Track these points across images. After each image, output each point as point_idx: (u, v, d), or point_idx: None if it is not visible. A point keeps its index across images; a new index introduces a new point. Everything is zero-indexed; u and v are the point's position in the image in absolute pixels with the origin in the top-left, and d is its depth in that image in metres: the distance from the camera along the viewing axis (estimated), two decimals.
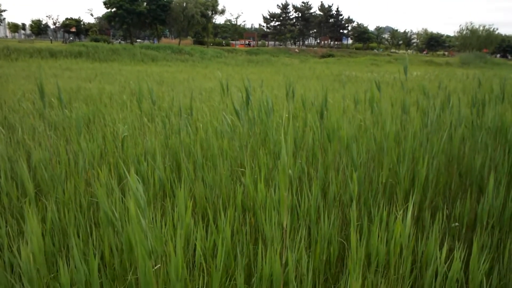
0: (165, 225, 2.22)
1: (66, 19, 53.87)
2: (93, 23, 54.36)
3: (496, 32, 68.83)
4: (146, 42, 55.83)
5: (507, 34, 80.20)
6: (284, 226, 1.59)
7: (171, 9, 44.29)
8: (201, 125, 4.68)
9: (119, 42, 48.52)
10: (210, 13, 47.63)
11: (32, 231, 1.63)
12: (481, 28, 67.68)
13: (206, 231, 2.36)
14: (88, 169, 3.17)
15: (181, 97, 7.75)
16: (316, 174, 2.90)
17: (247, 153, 3.38)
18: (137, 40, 59.84)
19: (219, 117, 5.05)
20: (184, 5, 43.98)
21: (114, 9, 42.67)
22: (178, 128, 3.70)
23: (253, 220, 2.68)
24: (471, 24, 69.58)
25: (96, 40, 39.32)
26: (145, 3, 44.58)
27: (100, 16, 53.68)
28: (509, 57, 74.53)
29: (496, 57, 67.65)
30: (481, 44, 65.26)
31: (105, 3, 42.74)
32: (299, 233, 2.14)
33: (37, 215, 2.20)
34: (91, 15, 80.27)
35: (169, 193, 2.89)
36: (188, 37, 56.87)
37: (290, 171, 3.05)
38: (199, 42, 53.43)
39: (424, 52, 71.10)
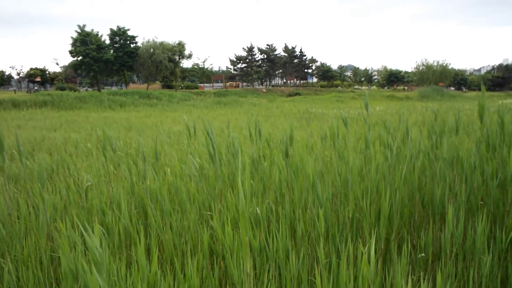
0: (130, 276, 2.15)
1: (31, 69, 53.21)
2: (59, 72, 53.92)
3: (450, 67, 73.18)
4: (114, 88, 55.70)
5: (460, 68, 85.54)
6: (248, 270, 1.58)
7: (139, 55, 44.71)
8: (168, 169, 4.64)
9: (86, 90, 48.13)
10: (177, 58, 48.36)
11: None
12: (435, 63, 71.87)
13: (174, 279, 2.29)
14: (50, 223, 3.06)
15: (149, 142, 7.70)
16: (284, 213, 2.91)
17: (215, 195, 3.37)
18: (105, 86, 59.66)
19: (187, 161, 5.03)
20: (151, 51, 44.55)
21: (80, 58, 42.64)
22: (144, 174, 3.65)
23: (223, 264, 2.63)
24: (426, 60, 73.65)
25: (62, 89, 38.88)
26: (112, 51, 44.86)
27: (66, 64, 53.46)
28: (464, 89, 78.92)
29: (451, 89, 71.49)
30: (437, 78, 69.00)
31: (71, 52, 42.69)
32: (268, 275, 2.12)
33: None
34: (57, 64, 79.70)
35: (135, 242, 2.81)
36: (156, 81, 57.25)
37: (258, 211, 3.06)
38: (167, 86, 53.81)
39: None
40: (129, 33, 45.59)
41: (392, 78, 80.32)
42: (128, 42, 45.64)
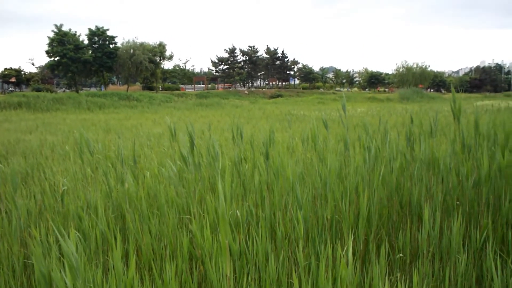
0: (107, 282, 2.10)
1: (5, 69, 51.72)
2: (35, 73, 52.58)
3: (429, 69, 74.81)
4: (93, 89, 54.75)
5: (439, 70, 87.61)
6: (228, 274, 1.56)
7: (118, 56, 44.04)
8: (148, 172, 4.57)
9: (64, 91, 47.14)
10: (158, 59, 47.87)
11: None
12: (415, 65, 73.32)
13: (152, 285, 2.26)
14: (24, 229, 2.97)
15: (128, 144, 7.59)
16: (263, 216, 2.91)
17: (195, 199, 3.33)
18: (83, 88, 58.57)
19: (167, 164, 4.97)
20: (131, 52, 43.95)
21: (57, 58, 41.72)
22: (122, 177, 3.59)
23: (202, 268, 2.60)
24: (406, 62, 75.13)
25: (38, 90, 37.99)
26: (90, 51, 44.07)
27: (43, 65, 52.24)
28: (442, 91, 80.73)
29: (430, 91, 73.06)
30: (416, 80, 70.39)
31: (47, 52, 41.72)
32: (248, 278, 2.11)
33: None
34: (33, 64, 77.62)
35: (112, 247, 2.75)
36: (137, 83, 56.55)
37: (238, 214, 3.04)
38: (148, 87, 53.24)
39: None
40: (109, 33, 44.90)
41: (373, 80, 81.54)
42: (107, 43, 44.91)
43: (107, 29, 44.83)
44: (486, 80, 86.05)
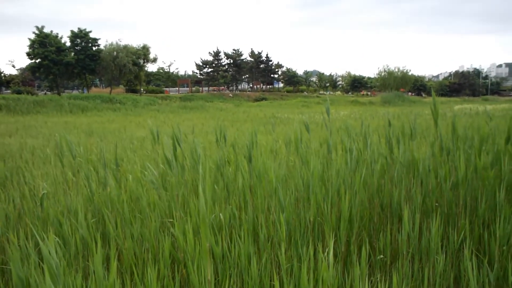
0: (87, 287, 2.08)
1: None
2: (15, 75, 51.45)
3: (410, 73, 76.12)
4: (75, 92, 53.89)
5: (419, 74, 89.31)
6: (208, 277, 1.57)
7: (101, 59, 43.46)
8: (130, 176, 4.53)
9: (45, 93, 46.30)
10: (142, 61, 47.46)
11: None
12: (396, 69, 74.52)
13: None
14: (2, 234, 2.91)
15: (111, 147, 7.50)
16: (246, 218, 2.92)
17: (178, 202, 3.32)
18: (65, 90, 57.60)
19: (149, 167, 4.93)
20: (115, 54, 43.45)
21: (38, 60, 40.95)
22: (104, 181, 3.55)
23: (185, 272, 2.59)
24: (387, 66, 76.24)
25: (19, 92, 37.20)
26: (72, 53, 43.40)
27: (23, 67, 51.16)
28: (423, 95, 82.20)
29: (411, 95, 74.30)
30: (398, 84, 71.53)
31: (28, 54, 40.90)
32: (230, 281, 2.11)
33: None
34: (13, 66, 75.76)
35: (93, 252, 2.72)
36: (120, 85, 55.91)
37: (221, 217, 3.04)
38: (131, 90, 52.70)
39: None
40: (91, 35, 44.33)
41: (356, 84, 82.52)
42: (90, 45, 44.30)
43: (90, 31, 44.27)
44: (465, 84, 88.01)
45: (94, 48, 44.31)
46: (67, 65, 42.08)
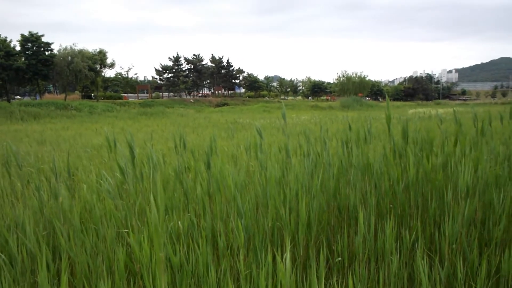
0: None
1: None
2: None
3: (367, 78, 78.77)
4: (27, 98, 51.47)
5: (376, 79, 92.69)
6: None
7: (55, 64, 41.74)
8: (85, 185, 4.36)
9: None
10: (98, 66, 46.08)
11: None
12: (354, 75, 76.85)
13: None
14: None
15: (64, 156, 7.19)
16: (205, 226, 2.88)
17: (135, 211, 3.23)
18: (16, 97, 54.86)
19: (105, 176, 4.77)
20: (70, 59, 41.88)
21: None
22: (55, 192, 3.39)
23: (141, 283, 2.52)
24: (346, 72, 78.53)
25: None
26: (23, 58, 41.42)
27: None
28: (380, 99, 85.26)
29: (369, 99, 76.89)
30: (356, 89, 73.80)
31: None
32: None
33: None
34: None
35: (43, 267, 2.58)
36: (76, 91, 53.99)
37: (180, 225, 2.99)
38: (88, 96, 51.03)
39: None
40: (44, 39, 42.53)
41: (316, 89, 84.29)
42: (43, 49, 42.49)
43: (42, 35, 42.49)
44: (418, 89, 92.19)
45: (47, 53, 42.53)
46: (17, 70, 40.11)
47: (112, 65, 48.66)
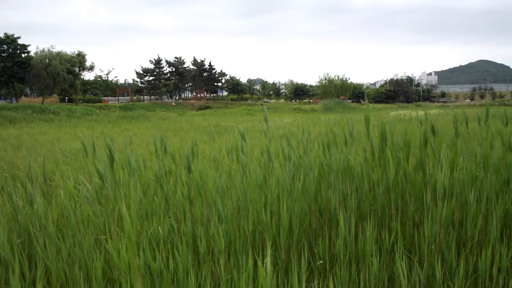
0: None
1: None
2: None
3: (349, 81, 79.67)
4: (2, 102, 50.14)
5: (358, 82, 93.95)
6: None
7: (32, 67, 40.77)
8: (62, 191, 4.26)
9: None
10: (77, 69, 45.23)
11: None
12: (336, 78, 77.62)
13: None
14: None
15: (41, 161, 7.02)
16: (185, 231, 2.84)
17: (114, 217, 3.16)
18: None
19: (83, 181, 4.67)
20: (47, 61, 40.97)
21: None
22: (31, 198, 3.30)
23: None
24: (328, 74, 79.22)
25: None
26: None
27: None
28: (361, 102, 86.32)
29: (351, 102, 77.75)
30: (338, 92, 74.53)
31: None
32: None
33: None
34: None
35: (16, 276, 2.50)
36: (54, 95, 52.87)
37: (160, 230, 2.94)
38: (67, 100, 50.07)
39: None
40: (20, 41, 41.51)
41: (298, 92, 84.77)
42: (19, 52, 41.44)
43: (19, 37, 41.48)
44: (399, 91, 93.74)
45: (23, 55, 41.51)
46: None
47: (91, 68, 47.87)
